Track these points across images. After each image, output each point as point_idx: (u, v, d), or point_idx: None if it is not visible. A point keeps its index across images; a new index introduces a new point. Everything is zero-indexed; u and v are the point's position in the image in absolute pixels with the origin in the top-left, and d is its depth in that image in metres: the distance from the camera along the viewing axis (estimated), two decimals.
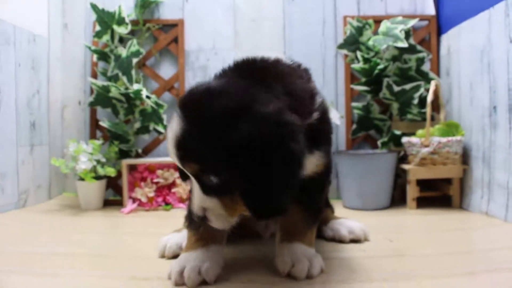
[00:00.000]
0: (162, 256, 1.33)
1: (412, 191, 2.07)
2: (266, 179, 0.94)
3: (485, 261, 1.27)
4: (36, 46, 2.19)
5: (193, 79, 2.43)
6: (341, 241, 1.48)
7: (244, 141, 0.92)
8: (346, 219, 1.57)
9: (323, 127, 1.19)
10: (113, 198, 2.37)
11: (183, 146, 0.98)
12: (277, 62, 1.18)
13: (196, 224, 1.14)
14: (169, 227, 1.49)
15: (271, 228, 1.51)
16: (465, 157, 2.07)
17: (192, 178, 1.03)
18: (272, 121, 0.94)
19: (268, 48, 2.41)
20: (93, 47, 2.28)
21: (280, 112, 0.98)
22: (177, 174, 2.17)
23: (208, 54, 2.44)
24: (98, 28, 2.25)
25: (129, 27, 2.24)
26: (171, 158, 1.03)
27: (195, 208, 1.04)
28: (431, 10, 2.40)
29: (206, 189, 1.01)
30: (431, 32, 2.37)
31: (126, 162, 2.20)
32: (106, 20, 2.24)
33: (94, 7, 2.26)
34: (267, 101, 0.98)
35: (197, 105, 0.99)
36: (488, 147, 1.88)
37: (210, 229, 1.11)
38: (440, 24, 2.37)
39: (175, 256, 1.27)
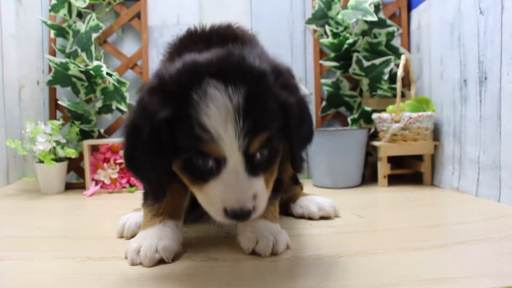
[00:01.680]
0: (121, 237, 1.26)
1: (383, 168, 2.03)
2: (307, 133, 1.05)
3: (455, 234, 1.26)
4: None
5: (157, 56, 2.32)
6: (310, 218, 1.44)
7: (296, 99, 0.96)
8: (315, 195, 1.52)
9: None
10: (75, 181, 2.27)
11: (250, 116, 0.85)
12: (233, 28, 1.18)
13: (151, 200, 1.07)
14: (132, 209, 1.41)
15: None
16: (436, 133, 2.04)
17: (232, 166, 0.88)
18: (294, 77, 1.06)
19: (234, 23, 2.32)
20: (49, 22, 2.16)
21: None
22: None
23: (173, 30, 2.34)
24: (54, 1, 2.13)
25: (88, 0, 2.12)
26: (218, 145, 0.86)
27: (240, 204, 0.89)
28: None
29: (254, 170, 0.91)
30: (401, 7, 2.33)
31: (87, 142, 2.11)
32: None
33: None
34: (278, 62, 1.03)
35: (242, 72, 0.88)
36: (459, 122, 1.85)
37: (167, 204, 1.06)
38: None
39: (134, 236, 1.19)
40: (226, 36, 1.07)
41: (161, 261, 1.01)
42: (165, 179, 0.97)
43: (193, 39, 1.10)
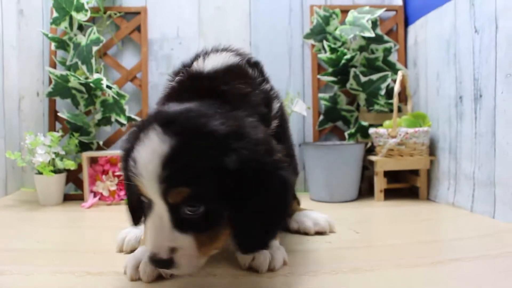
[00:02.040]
0: (121, 251, 1.27)
1: (379, 183, 2.05)
2: (264, 208, 0.92)
3: (451, 250, 1.27)
4: None
5: (156, 69, 2.36)
6: (306, 233, 1.45)
7: (242, 166, 0.89)
8: (311, 211, 1.53)
9: (283, 132, 1.20)
10: (74, 192, 2.28)
11: (171, 166, 0.86)
12: (228, 71, 1.15)
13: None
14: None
15: None
16: (432, 148, 2.06)
17: (158, 211, 0.91)
18: (265, 148, 0.94)
19: (233, 37, 2.35)
20: (50, 35, 2.18)
21: (268, 138, 0.98)
22: None
23: (172, 43, 2.37)
24: (55, 14, 2.15)
25: (89, 14, 2.14)
26: (143, 184, 0.89)
27: (155, 250, 0.90)
28: (398, 1, 2.38)
29: (182, 224, 0.90)
30: (398, 22, 2.36)
31: (86, 154, 2.12)
32: (64, 6, 2.13)
33: None
34: (255, 126, 0.97)
35: (187, 124, 0.91)
36: (454, 138, 1.87)
37: None
38: (407, 14, 2.35)
39: (134, 251, 1.20)
40: (218, 88, 1.07)
41: (160, 277, 1.02)
42: (137, 208, 1.05)
43: (190, 87, 1.11)
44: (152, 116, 0.96)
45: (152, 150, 0.87)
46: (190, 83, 1.12)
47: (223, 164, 0.88)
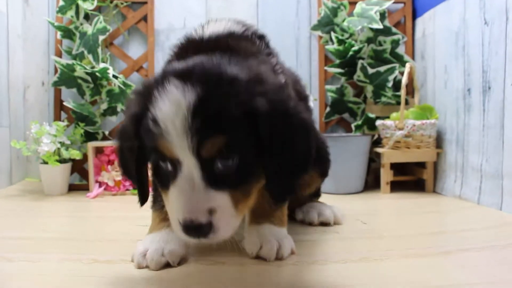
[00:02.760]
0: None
1: (385, 175, 2.04)
2: (293, 153, 0.89)
3: (458, 241, 1.26)
4: None
5: (163, 59, 2.33)
6: (310, 223, 1.44)
7: (271, 110, 0.86)
8: (320, 203, 1.52)
9: None
10: (78, 183, 2.28)
11: (202, 115, 0.80)
12: (231, 35, 1.12)
13: (160, 204, 1.06)
14: (136, 211, 1.39)
15: None
16: (439, 140, 2.05)
17: (187, 172, 0.84)
18: (286, 93, 0.94)
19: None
20: (56, 24, 2.17)
21: (285, 84, 0.99)
22: None
23: (179, 34, 2.29)
24: (61, 3, 2.14)
25: (95, 2, 2.14)
26: (169, 142, 0.82)
27: (191, 215, 0.83)
28: None
29: (216, 181, 0.84)
30: (406, 15, 2.34)
31: (92, 144, 2.11)
32: None
33: None
34: (271, 73, 0.97)
35: (207, 73, 0.87)
36: (462, 130, 1.86)
37: None
38: (415, 7, 2.34)
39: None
40: (221, 48, 1.02)
41: (167, 265, 1.02)
42: (146, 184, 1.02)
43: (192, 48, 1.07)
44: (160, 75, 0.90)
45: (176, 103, 0.81)
46: (191, 45, 1.08)
47: (254, 108, 0.85)
